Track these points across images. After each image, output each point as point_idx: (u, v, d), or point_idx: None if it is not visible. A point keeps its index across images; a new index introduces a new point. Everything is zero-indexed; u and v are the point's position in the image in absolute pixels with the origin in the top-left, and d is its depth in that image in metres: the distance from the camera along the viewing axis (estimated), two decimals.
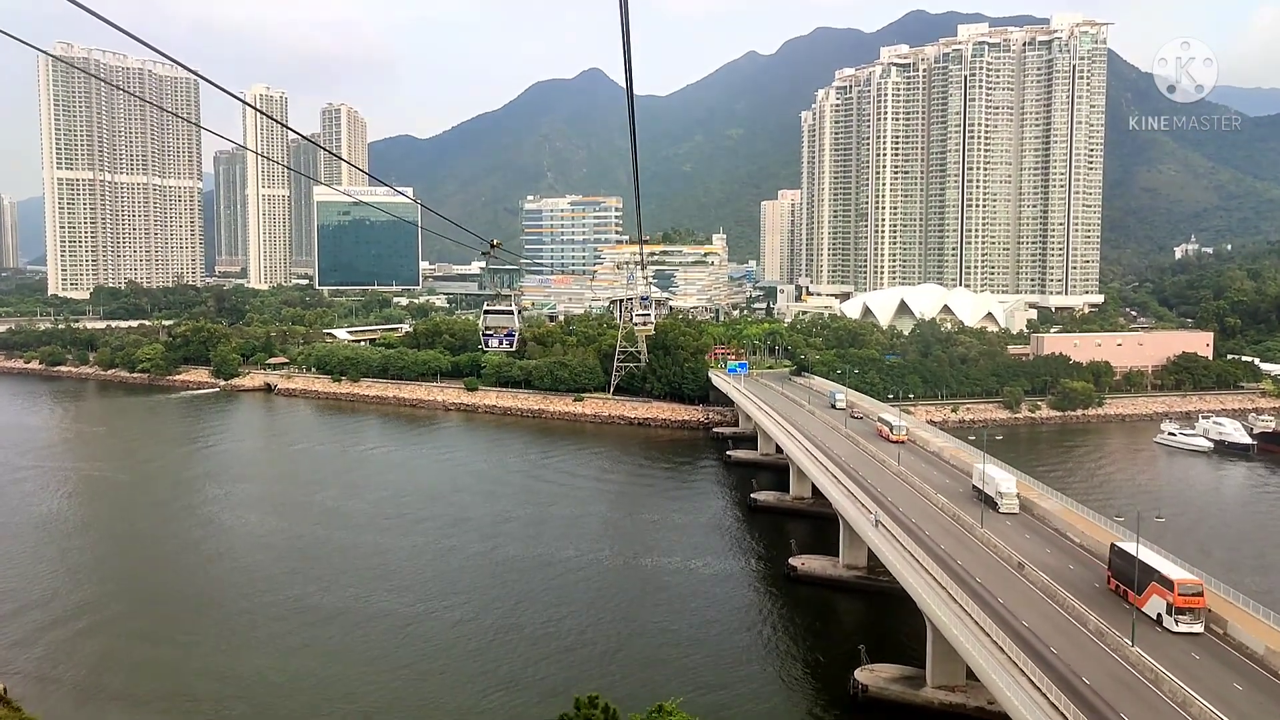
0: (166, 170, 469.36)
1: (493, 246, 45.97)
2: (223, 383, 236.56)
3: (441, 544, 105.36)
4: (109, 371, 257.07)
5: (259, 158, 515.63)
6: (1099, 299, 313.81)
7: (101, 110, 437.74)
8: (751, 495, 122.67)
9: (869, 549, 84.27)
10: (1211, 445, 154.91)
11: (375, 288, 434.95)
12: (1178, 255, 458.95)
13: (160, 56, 23.66)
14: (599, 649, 77.06)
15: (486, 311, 69.74)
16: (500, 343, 68.36)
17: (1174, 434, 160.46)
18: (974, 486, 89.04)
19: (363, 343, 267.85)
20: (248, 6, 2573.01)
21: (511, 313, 68.95)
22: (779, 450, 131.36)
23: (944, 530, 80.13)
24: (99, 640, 78.73)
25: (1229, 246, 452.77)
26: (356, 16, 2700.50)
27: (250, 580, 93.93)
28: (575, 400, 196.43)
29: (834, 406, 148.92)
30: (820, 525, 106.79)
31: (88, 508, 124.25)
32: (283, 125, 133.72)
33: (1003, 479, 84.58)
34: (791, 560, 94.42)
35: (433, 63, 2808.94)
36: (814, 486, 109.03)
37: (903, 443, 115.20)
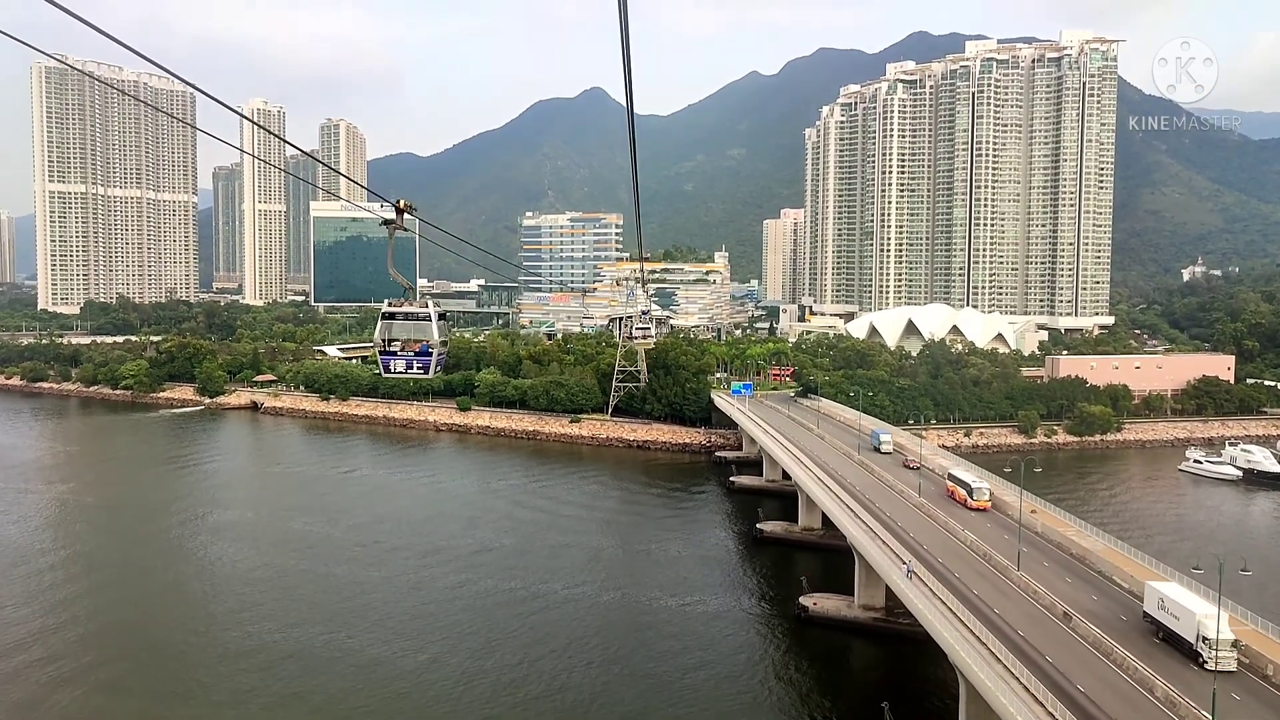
0: (161, 184, 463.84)
1: (399, 210, 34.54)
2: (207, 401, 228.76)
3: (418, 576, 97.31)
4: (91, 388, 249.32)
5: (256, 172, 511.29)
6: (1109, 320, 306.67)
7: (95, 123, 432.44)
8: (757, 525, 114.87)
9: (887, 588, 76.42)
10: (1240, 474, 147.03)
11: (372, 305, 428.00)
12: (1185, 278, 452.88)
13: (156, 70, 22.95)
14: (578, 696, 69.02)
15: (385, 317, 44.16)
16: (410, 366, 44.59)
17: (1200, 461, 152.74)
18: (1145, 614, 58.57)
19: (354, 360, 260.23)
20: (251, 22, 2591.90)
21: (428, 320, 43.64)
22: (785, 476, 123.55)
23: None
24: (22, 688, 70.59)
25: (1235, 269, 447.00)
26: (360, 34, 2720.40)
27: (206, 615, 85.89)
28: (572, 421, 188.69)
29: (878, 450, 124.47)
30: (832, 559, 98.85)
31: (43, 532, 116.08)
32: (278, 137, 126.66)
33: (1206, 614, 52.75)
34: (802, 600, 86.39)
35: (435, 81, 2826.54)
36: (824, 516, 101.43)
37: (985, 510, 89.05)
